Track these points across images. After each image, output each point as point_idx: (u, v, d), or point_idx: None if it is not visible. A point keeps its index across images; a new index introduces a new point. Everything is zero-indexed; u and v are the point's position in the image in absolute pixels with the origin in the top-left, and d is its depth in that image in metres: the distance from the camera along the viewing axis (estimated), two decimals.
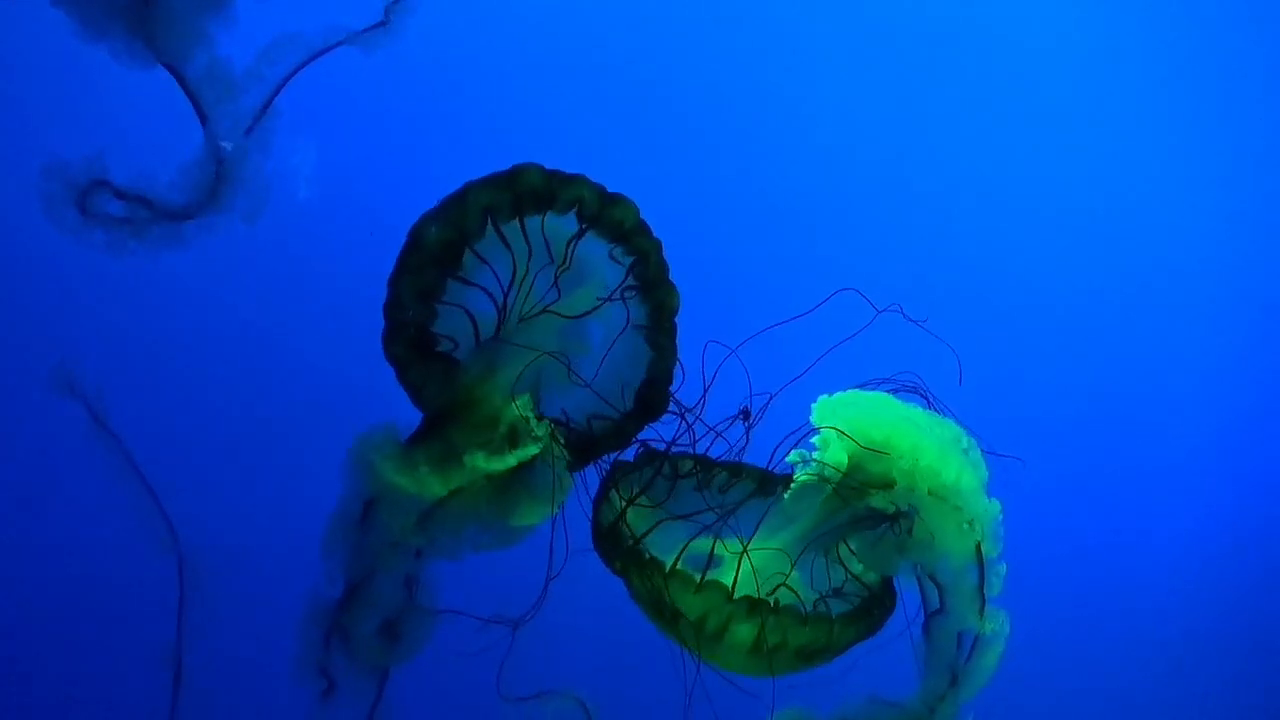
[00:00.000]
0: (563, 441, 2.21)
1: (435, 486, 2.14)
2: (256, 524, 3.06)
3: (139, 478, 2.25)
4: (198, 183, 2.12)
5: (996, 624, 2.25)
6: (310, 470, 2.25)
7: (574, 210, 2.17)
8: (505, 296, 2.21)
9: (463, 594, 2.27)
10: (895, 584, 2.31)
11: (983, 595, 2.23)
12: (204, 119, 2.10)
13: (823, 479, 2.23)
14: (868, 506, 2.24)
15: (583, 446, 2.26)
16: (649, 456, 2.29)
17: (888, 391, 2.30)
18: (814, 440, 2.25)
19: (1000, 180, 4.19)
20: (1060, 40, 4.20)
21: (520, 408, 2.15)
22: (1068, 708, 4.16)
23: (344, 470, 2.16)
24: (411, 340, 2.13)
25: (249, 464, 3.39)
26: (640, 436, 2.29)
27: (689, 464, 2.32)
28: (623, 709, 2.41)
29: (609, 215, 2.19)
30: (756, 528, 2.30)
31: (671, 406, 2.27)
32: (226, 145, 2.11)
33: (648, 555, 2.15)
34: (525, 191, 2.12)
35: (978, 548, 2.21)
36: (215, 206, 2.13)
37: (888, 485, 2.21)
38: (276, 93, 2.14)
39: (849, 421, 2.22)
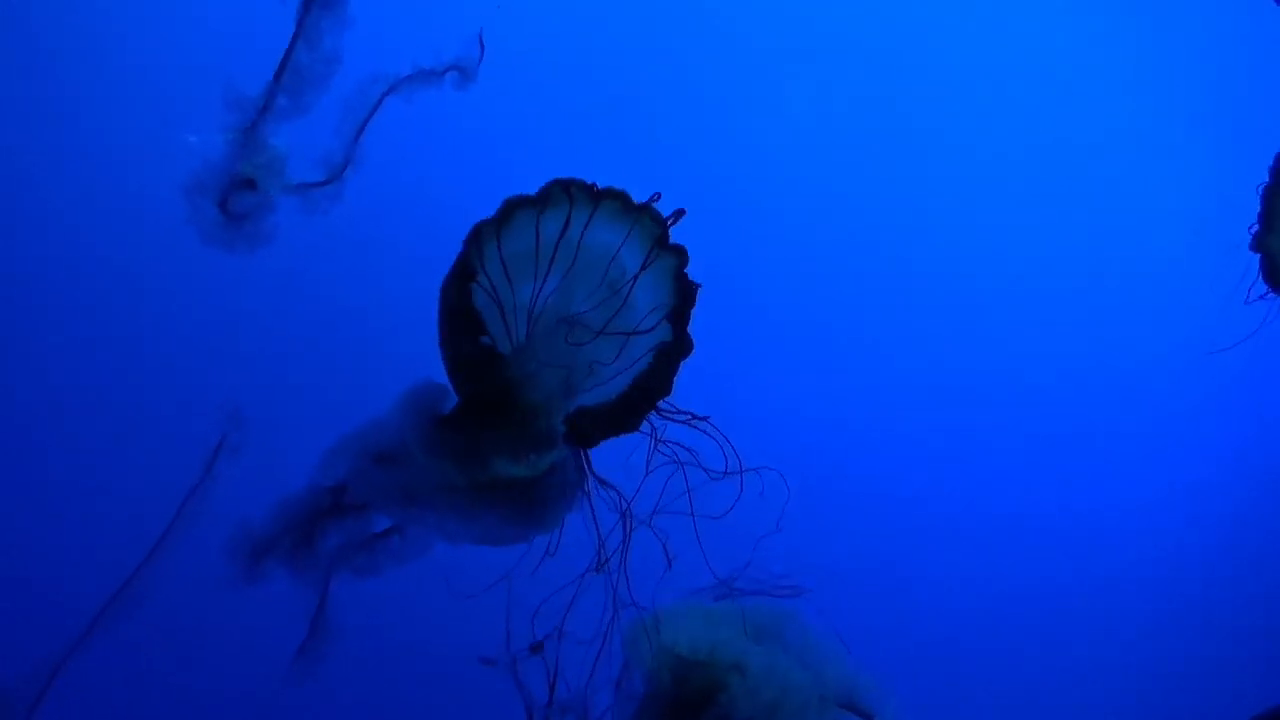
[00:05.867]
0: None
1: (452, 473, 2.25)
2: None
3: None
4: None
5: None
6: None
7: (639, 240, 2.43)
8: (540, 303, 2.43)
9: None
10: None
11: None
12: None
13: (652, 701, 2.34)
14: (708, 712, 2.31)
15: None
16: None
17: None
18: (634, 664, 2.36)
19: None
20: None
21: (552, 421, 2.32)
22: None
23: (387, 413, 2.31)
24: (467, 290, 2.32)
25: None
26: None
27: None
28: None
29: (665, 253, 2.44)
30: None
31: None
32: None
33: None
34: (607, 202, 2.38)
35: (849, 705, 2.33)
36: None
37: (720, 690, 2.30)
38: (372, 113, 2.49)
39: (664, 643, 2.33)
